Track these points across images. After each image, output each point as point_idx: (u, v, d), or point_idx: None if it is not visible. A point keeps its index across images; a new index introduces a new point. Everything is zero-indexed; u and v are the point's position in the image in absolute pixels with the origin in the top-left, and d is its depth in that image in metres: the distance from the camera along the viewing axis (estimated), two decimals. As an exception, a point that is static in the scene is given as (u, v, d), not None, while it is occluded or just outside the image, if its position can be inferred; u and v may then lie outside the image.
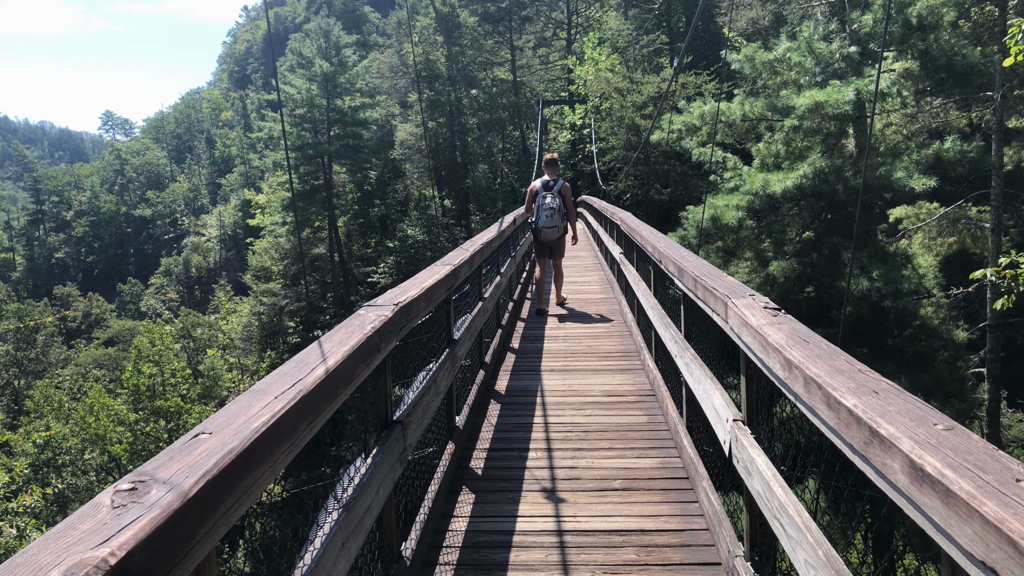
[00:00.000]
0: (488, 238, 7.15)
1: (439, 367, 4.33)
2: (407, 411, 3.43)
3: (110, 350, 56.26)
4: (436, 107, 49.16)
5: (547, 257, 10.40)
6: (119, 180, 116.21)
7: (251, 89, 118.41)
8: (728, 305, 3.13)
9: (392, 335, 3.07)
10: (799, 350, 2.30)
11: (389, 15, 67.55)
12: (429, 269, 4.59)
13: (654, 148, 32.69)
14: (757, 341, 2.64)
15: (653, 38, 43.03)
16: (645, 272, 7.52)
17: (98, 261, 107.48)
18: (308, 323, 46.05)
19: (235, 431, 1.65)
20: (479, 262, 6.43)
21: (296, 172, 44.19)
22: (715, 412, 3.61)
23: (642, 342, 7.69)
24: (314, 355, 2.34)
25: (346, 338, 2.58)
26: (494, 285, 7.81)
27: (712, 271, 4.08)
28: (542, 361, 7.67)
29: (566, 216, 9.93)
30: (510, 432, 5.52)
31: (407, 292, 3.58)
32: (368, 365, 2.69)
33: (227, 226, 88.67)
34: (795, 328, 2.58)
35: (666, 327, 5.47)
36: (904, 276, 12.30)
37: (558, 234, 9.99)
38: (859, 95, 12.44)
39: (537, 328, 9.45)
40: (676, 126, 15.37)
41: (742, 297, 3.16)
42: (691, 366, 4.31)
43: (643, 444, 5.18)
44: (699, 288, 3.85)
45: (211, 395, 49.47)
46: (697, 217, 14.42)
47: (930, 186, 11.94)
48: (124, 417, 40.68)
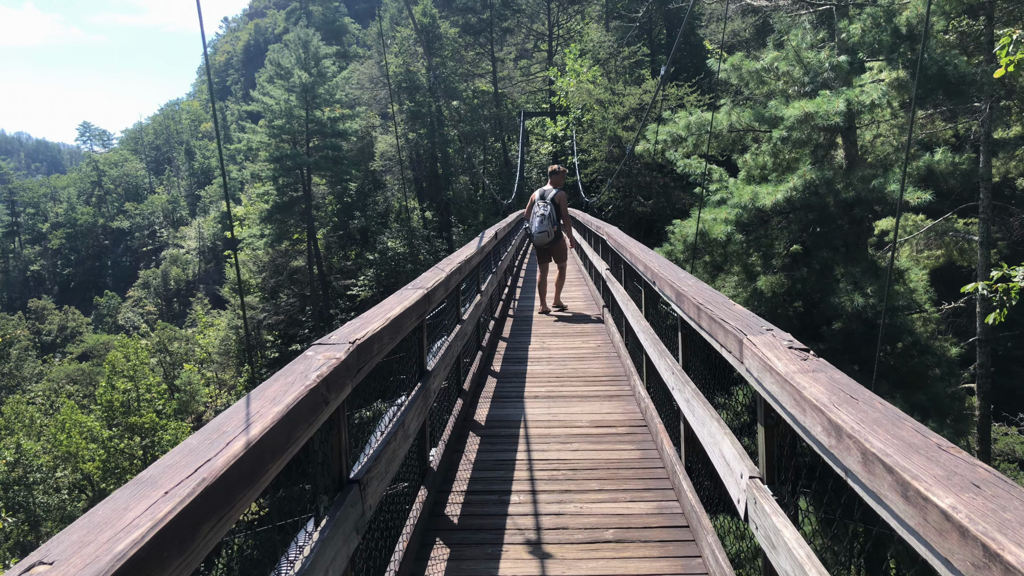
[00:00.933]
0: (467, 255, 6.66)
1: (409, 406, 3.83)
2: (367, 465, 2.93)
3: (84, 365, 55.20)
4: (417, 118, 48.72)
5: (546, 262, 11.15)
6: (96, 192, 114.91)
7: (231, 100, 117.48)
8: (744, 343, 2.66)
9: (346, 380, 2.57)
10: (849, 412, 1.83)
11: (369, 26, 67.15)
12: (398, 294, 4.09)
13: (636, 160, 32.40)
14: (787, 393, 2.17)
15: (634, 50, 42.88)
16: (634, 291, 7.06)
17: (75, 274, 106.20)
18: (287, 337, 45.33)
19: (88, 559, 1.16)
20: (457, 282, 5.94)
21: (275, 184, 43.56)
22: (724, 463, 3.13)
23: (631, 366, 7.21)
24: (235, 420, 1.84)
25: (282, 392, 2.08)
26: (474, 305, 7.32)
27: (717, 298, 3.61)
28: (525, 386, 7.19)
29: (557, 222, 10.56)
30: (490, 471, 5.02)
31: (369, 325, 3.09)
32: (312, 423, 2.19)
33: (206, 238, 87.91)
34: (834, 378, 2.11)
35: (661, 355, 4.99)
36: (899, 292, 11.91)
37: (548, 239, 10.55)
38: (850, 105, 12.09)
39: (520, 349, 8.96)
40: (661, 136, 14.95)
41: (760, 334, 2.69)
42: (692, 403, 3.84)
43: (636, 485, 4.70)
44: (703, 317, 3.38)
45: (188, 410, 48.62)
46: (683, 231, 14.01)
47: (926, 200, 11.58)
48: (97, 434, 39.83)
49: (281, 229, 44.24)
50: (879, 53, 12.86)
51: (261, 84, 47.14)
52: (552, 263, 11.69)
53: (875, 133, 14.84)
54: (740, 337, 2.71)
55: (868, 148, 14.44)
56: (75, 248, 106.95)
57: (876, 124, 14.48)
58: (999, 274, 9.11)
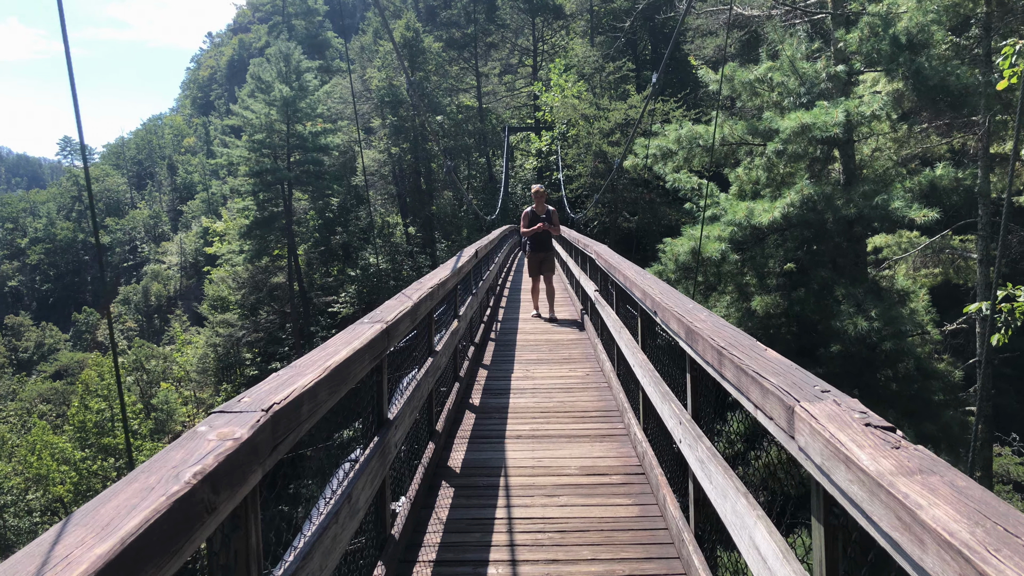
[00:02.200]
0: (440, 278, 5.92)
1: (360, 471, 3.08)
2: (293, 568, 2.20)
3: (58, 384, 53.96)
4: (400, 133, 48.07)
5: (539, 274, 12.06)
6: (76, 207, 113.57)
7: (214, 115, 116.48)
8: (796, 414, 1.96)
9: (252, 466, 1.86)
10: (1010, 557, 1.13)
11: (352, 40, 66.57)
12: (349, 331, 3.36)
13: (622, 175, 31.89)
14: (884, 506, 1.47)
15: (619, 64, 42.49)
16: (629, 317, 6.36)
17: (53, 290, 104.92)
18: (266, 355, 44.37)
19: None
20: (428, 310, 5.22)
21: (255, 199, 42.71)
22: (758, 554, 2.42)
23: (624, 400, 6.50)
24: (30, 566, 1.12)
25: (125, 511, 1.36)
26: (450, 332, 6.59)
27: (741, 339, 2.91)
28: (507, 423, 6.46)
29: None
30: (465, 532, 4.29)
31: (298, 379, 2.36)
32: (178, 550, 1.47)
33: (188, 253, 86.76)
34: (958, 485, 1.41)
35: (664, 398, 4.28)
36: (903, 315, 11.26)
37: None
38: (849, 117, 11.49)
39: (502, 378, 8.23)
40: (651, 151, 14.29)
41: (816, 399, 1.99)
42: (709, 467, 3.12)
43: (636, 552, 3.98)
44: (727, 366, 2.69)
45: (164, 430, 47.53)
46: (675, 250, 13.31)
47: (933, 218, 10.94)
48: (69, 455, 38.78)
49: (261, 245, 43.35)
50: (877, 63, 12.29)
51: (242, 98, 46.39)
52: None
53: (873, 147, 14.25)
54: (789, 403, 2.01)
55: (867, 162, 13.84)
56: (54, 264, 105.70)
57: (875, 137, 13.90)
58: (1004, 293, 8.60)
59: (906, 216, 11.04)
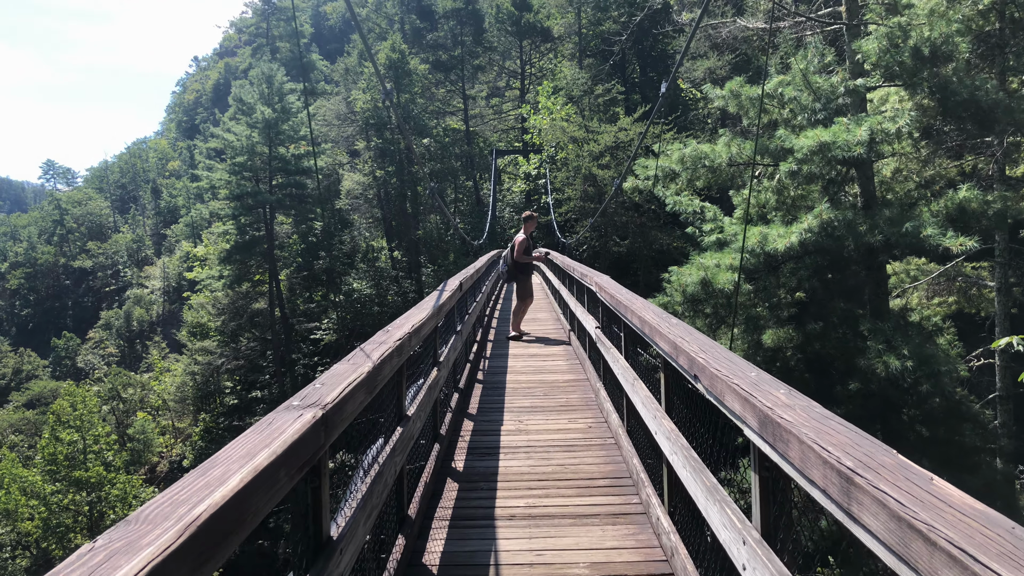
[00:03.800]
0: (417, 322, 4.76)
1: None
2: None
3: (30, 413, 52.25)
4: (385, 155, 47.07)
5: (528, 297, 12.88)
6: (58, 231, 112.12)
7: (199, 139, 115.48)
8: None
9: None
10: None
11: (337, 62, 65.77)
12: (258, 428, 2.22)
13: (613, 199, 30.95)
14: None
15: (608, 87, 41.73)
16: (646, 368, 5.25)
17: (33, 314, 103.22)
18: (247, 383, 42.98)
19: None
20: (397, 366, 4.08)
21: (235, 222, 41.50)
22: None
23: (640, 468, 5.33)
24: None
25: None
26: (427, 387, 5.41)
27: (881, 456, 1.79)
28: (496, 497, 5.30)
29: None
30: None
31: (216, 491, 1.23)
32: None
33: (171, 278, 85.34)
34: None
35: (709, 494, 3.14)
36: (938, 354, 10.14)
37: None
38: (872, 135, 10.45)
39: (491, 432, 7.06)
40: (651, 172, 13.23)
41: None
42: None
43: None
44: (866, 508, 1.56)
45: (140, 461, 45.94)
46: (682, 280, 12.16)
47: (971, 247, 9.87)
48: (39, 489, 37.25)
49: (241, 270, 42.10)
50: (898, 77, 11.32)
51: (224, 121, 45.35)
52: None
53: (894, 167, 13.24)
54: None
55: (888, 184, 12.84)
56: (34, 288, 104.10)
57: (896, 157, 12.91)
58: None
59: (940, 244, 9.98)
